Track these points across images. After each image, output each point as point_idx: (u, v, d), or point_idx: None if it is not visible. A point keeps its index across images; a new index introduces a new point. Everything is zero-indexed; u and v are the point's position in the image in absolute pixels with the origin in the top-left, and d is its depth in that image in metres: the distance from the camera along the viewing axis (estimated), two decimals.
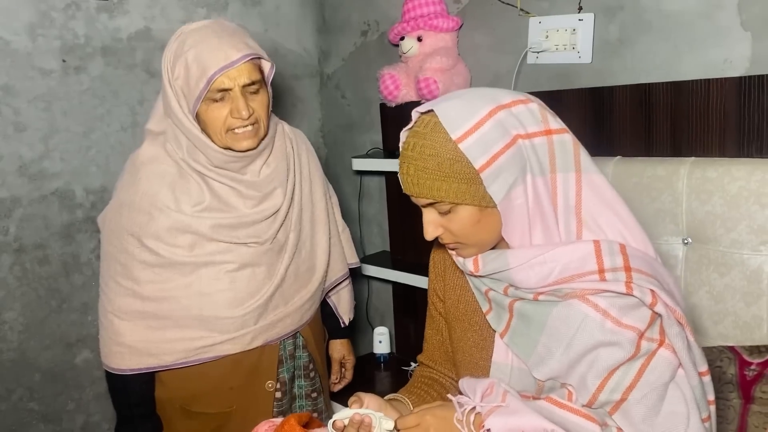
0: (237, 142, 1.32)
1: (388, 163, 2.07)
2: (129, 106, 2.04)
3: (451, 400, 1.03)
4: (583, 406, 0.96)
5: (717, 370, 1.32)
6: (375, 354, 2.26)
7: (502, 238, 1.01)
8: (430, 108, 0.96)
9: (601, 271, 0.94)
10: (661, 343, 0.93)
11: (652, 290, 0.92)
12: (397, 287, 2.25)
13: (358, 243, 2.41)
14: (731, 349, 1.33)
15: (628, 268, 0.93)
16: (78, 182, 1.96)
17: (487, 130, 0.93)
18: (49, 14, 1.86)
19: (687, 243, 1.43)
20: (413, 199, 1.01)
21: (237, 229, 1.37)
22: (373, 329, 2.30)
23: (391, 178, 2.19)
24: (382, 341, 2.23)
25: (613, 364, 0.93)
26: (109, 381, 1.43)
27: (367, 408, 1.06)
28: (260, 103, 1.33)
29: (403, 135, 1.01)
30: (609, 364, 0.93)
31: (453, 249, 1.05)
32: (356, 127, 2.40)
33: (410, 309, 2.24)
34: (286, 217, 1.45)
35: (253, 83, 1.30)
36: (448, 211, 0.98)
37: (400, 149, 1.00)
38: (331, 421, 1.04)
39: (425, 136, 0.95)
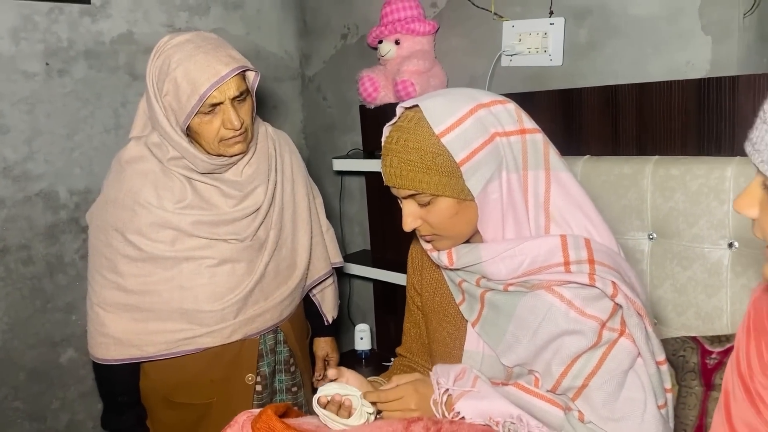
0: (228, 148, 1.38)
1: (368, 164, 2.12)
2: (112, 109, 2.06)
3: (429, 376, 1.09)
4: (548, 391, 1.02)
5: (680, 359, 1.38)
6: (356, 351, 2.30)
7: (476, 232, 1.06)
8: (414, 104, 1.01)
9: (567, 263, 0.99)
10: (621, 333, 0.98)
11: (613, 282, 0.97)
12: (378, 285, 2.30)
13: (340, 242, 2.45)
14: (693, 339, 1.38)
15: (591, 261, 0.99)
16: (62, 183, 1.99)
17: (468, 127, 0.98)
18: (32, 18, 1.89)
19: (652, 238, 1.49)
20: (394, 191, 1.05)
21: (217, 226, 1.41)
22: (354, 326, 2.34)
23: (371, 178, 2.24)
24: (363, 338, 2.28)
25: (576, 351, 0.98)
26: (95, 371, 1.48)
27: (347, 383, 1.11)
28: (247, 111, 1.38)
29: (386, 130, 1.05)
30: (572, 351, 0.98)
31: (429, 241, 1.09)
32: (337, 129, 2.45)
33: (390, 306, 2.28)
34: (266, 215, 1.49)
35: (241, 94, 1.34)
36: (428, 203, 1.02)
37: (383, 143, 1.05)
38: (315, 397, 1.09)
39: (409, 131, 1.00)
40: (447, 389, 1.04)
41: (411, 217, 1.05)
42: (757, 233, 0.72)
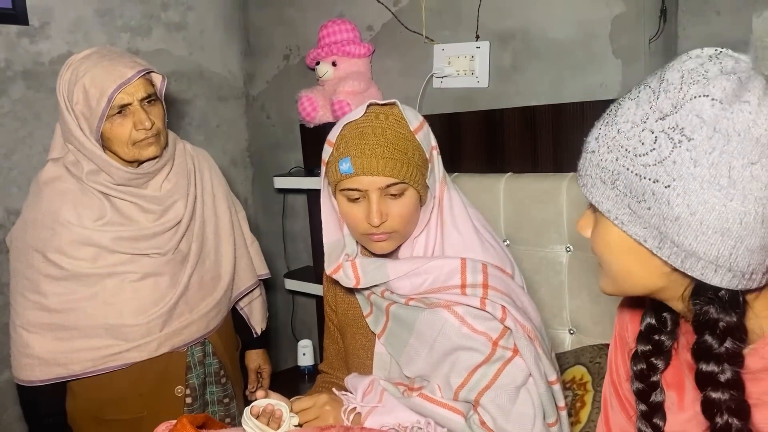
0: (142, 150, 1.43)
1: (309, 181, 2.16)
2: (52, 129, 2.02)
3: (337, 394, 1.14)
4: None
5: (597, 366, 1.45)
6: (299, 366, 2.32)
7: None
8: (390, 102, 1.07)
9: (463, 286, 1.06)
10: (515, 352, 1.05)
11: (503, 306, 1.04)
12: (321, 301, 2.32)
13: (282, 259, 2.49)
14: (608, 346, 1.46)
15: (485, 285, 1.05)
16: None
17: (425, 131, 1.08)
18: None
19: (569, 250, 1.56)
20: (361, 182, 1.03)
21: (138, 241, 1.45)
22: (298, 342, 2.36)
23: (312, 195, 2.28)
24: (305, 353, 2.29)
25: (472, 364, 1.04)
26: (20, 394, 1.47)
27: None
28: (157, 114, 1.45)
29: (351, 127, 1.05)
30: (468, 364, 1.04)
31: (384, 240, 1.09)
32: (281, 147, 2.49)
33: None
34: (188, 229, 1.54)
35: (149, 96, 1.42)
36: (400, 195, 1.05)
37: (347, 137, 1.04)
38: (248, 408, 1.12)
39: (389, 123, 1.04)
40: (355, 407, 1.08)
41: (382, 211, 1.04)
42: (592, 250, 0.77)
